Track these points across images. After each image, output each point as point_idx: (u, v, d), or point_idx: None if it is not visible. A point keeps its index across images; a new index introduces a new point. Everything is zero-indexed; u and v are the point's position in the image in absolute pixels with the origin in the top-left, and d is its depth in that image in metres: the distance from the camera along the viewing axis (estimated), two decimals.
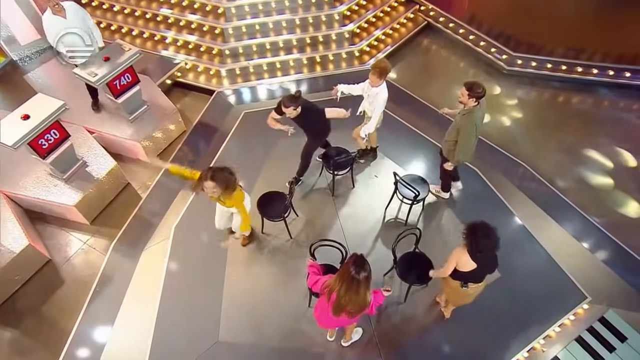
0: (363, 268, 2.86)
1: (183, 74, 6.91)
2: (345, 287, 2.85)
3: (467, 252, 3.31)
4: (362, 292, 2.87)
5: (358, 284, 2.84)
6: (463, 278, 3.51)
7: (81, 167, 5.30)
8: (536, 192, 5.40)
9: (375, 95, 4.58)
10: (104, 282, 4.72)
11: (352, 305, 2.90)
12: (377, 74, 4.40)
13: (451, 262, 3.47)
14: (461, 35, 7.45)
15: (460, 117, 4.25)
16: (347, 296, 2.85)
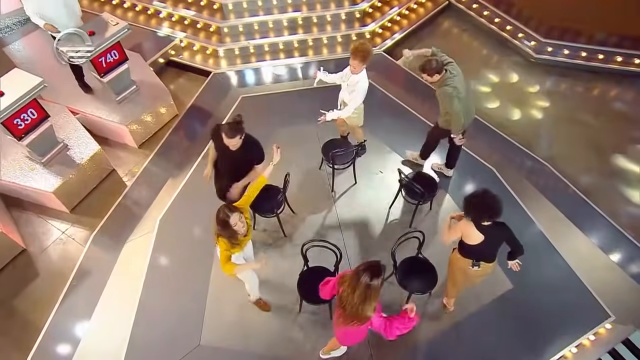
0: (374, 274, 2.76)
1: (177, 53, 6.84)
2: (352, 287, 2.81)
3: (472, 224, 3.33)
4: (358, 297, 2.78)
5: (364, 288, 2.76)
6: (474, 255, 3.52)
7: (62, 150, 5.27)
8: (559, 196, 5.22)
9: (355, 84, 4.40)
10: (82, 276, 4.71)
11: (349, 307, 2.83)
12: (360, 58, 4.17)
13: (453, 233, 3.51)
14: (486, 17, 7.22)
15: (437, 93, 4.37)
16: (349, 296, 2.80)
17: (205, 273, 4.57)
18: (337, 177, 5.21)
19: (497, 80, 6.72)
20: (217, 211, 3.31)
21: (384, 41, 7.02)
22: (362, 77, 4.37)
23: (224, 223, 3.27)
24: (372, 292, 2.78)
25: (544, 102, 6.45)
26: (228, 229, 3.29)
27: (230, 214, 3.26)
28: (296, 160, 5.39)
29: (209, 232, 4.81)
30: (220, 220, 3.29)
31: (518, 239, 3.50)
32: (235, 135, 3.53)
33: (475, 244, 3.42)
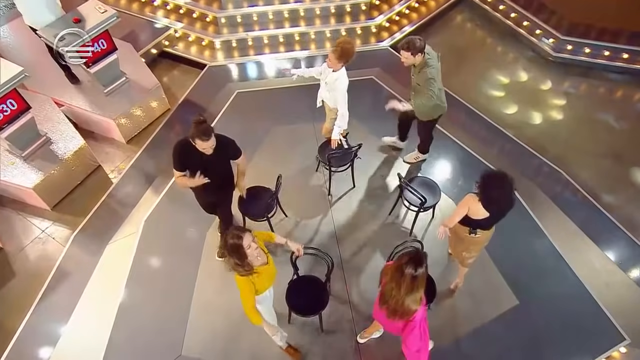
0: (418, 264, 2.79)
1: (172, 44, 6.79)
2: (395, 280, 2.83)
3: (478, 202, 3.35)
4: (404, 289, 2.81)
5: (409, 280, 2.78)
6: (473, 225, 3.60)
7: (44, 144, 5.25)
8: (573, 206, 5.10)
9: (334, 82, 4.31)
10: (60, 278, 4.68)
11: (391, 300, 2.88)
12: (338, 54, 4.08)
13: (460, 212, 3.52)
14: (501, 12, 7.09)
15: (416, 77, 4.35)
16: (394, 290, 2.84)
17: (191, 279, 4.52)
18: (335, 179, 5.12)
19: (511, 80, 6.59)
20: (224, 236, 2.96)
21: (392, 35, 6.91)
22: (341, 75, 4.28)
23: (235, 248, 2.90)
24: (419, 282, 2.82)
25: (562, 104, 6.30)
26: (241, 257, 2.93)
27: (242, 234, 2.92)
28: (292, 160, 5.33)
29: (196, 235, 4.80)
30: (230, 246, 2.91)
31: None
32: (209, 135, 3.35)
33: (481, 219, 3.48)
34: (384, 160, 5.40)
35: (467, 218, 3.54)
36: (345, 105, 4.40)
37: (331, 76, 4.29)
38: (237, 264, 2.97)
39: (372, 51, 6.71)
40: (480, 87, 6.45)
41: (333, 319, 4.25)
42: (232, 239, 2.92)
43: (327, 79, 4.34)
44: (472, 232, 3.65)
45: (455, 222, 3.57)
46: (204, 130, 3.33)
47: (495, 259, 4.56)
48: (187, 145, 3.50)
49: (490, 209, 3.35)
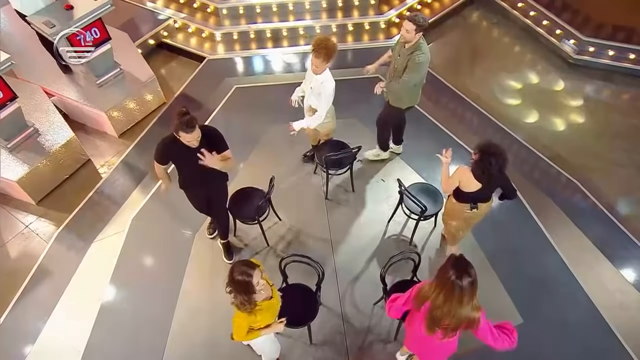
0: (467, 272, 2.63)
1: (171, 35, 6.81)
2: (444, 296, 2.65)
3: (470, 171, 3.53)
4: (465, 302, 2.66)
5: (461, 291, 2.61)
6: (470, 200, 3.75)
7: (31, 135, 5.27)
8: (589, 220, 4.98)
9: (321, 85, 4.19)
10: (41, 276, 4.68)
11: (450, 319, 2.71)
12: (324, 56, 3.96)
13: (452, 181, 3.71)
14: (520, 10, 6.99)
15: (405, 57, 4.23)
16: (445, 307, 2.66)
17: (176, 283, 4.49)
18: (333, 183, 5.08)
19: (528, 82, 6.48)
20: (231, 271, 2.83)
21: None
22: (326, 77, 4.20)
23: (245, 285, 2.79)
24: (474, 287, 2.66)
25: (581, 110, 6.18)
26: (249, 294, 2.83)
27: (252, 271, 2.79)
28: (289, 161, 5.29)
29: (184, 236, 4.77)
30: (239, 283, 2.79)
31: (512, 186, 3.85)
32: (194, 126, 3.32)
33: (473, 191, 3.63)
34: (386, 164, 5.33)
35: (464, 194, 3.72)
36: (327, 108, 4.32)
37: (316, 80, 4.20)
38: (244, 302, 2.86)
39: (380, 48, 6.62)
40: (493, 89, 6.36)
41: (324, 330, 4.20)
42: (241, 276, 2.79)
43: (313, 84, 4.26)
44: (474, 206, 3.80)
45: (447, 189, 3.82)
46: (187, 121, 3.30)
47: (500, 274, 4.48)
48: (173, 141, 3.48)
49: (482, 178, 3.51)
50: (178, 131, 3.35)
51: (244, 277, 2.79)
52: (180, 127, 3.31)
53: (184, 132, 3.33)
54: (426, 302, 2.79)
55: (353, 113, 5.72)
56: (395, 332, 4.11)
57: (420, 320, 2.91)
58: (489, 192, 3.76)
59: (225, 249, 4.61)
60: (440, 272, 2.74)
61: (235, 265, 2.86)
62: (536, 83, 6.47)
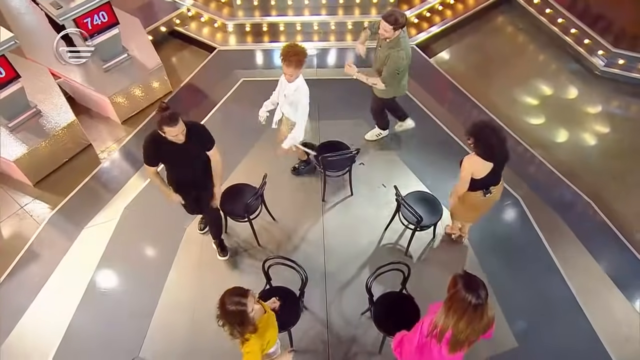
0: (479, 286, 2.56)
1: (183, 23, 6.81)
2: (467, 321, 2.55)
3: (477, 156, 3.52)
4: (486, 315, 2.59)
5: (482, 309, 2.54)
6: (483, 186, 3.74)
7: (33, 116, 5.34)
8: (601, 243, 4.76)
9: (294, 93, 4.11)
10: (29, 259, 4.73)
11: (475, 334, 2.64)
12: (296, 63, 3.88)
13: (466, 176, 3.65)
14: (547, 16, 6.74)
15: (386, 51, 4.28)
16: (469, 329, 2.57)
17: (163, 275, 4.48)
18: (332, 185, 4.99)
19: (549, 93, 6.25)
20: (222, 303, 2.65)
21: (419, 33, 6.70)
22: (299, 83, 4.10)
23: (240, 316, 2.64)
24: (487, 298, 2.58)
25: (605, 126, 5.92)
26: (245, 324, 2.68)
27: (245, 300, 2.64)
28: (289, 159, 5.20)
29: (175, 228, 4.75)
30: (232, 314, 2.63)
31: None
32: (177, 120, 3.26)
33: (484, 176, 3.61)
34: (389, 168, 5.21)
35: (476, 181, 3.68)
36: (305, 116, 4.22)
37: (289, 88, 4.11)
38: (241, 331, 2.71)
39: None
40: (512, 98, 6.15)
41: (306, 337, 4.12)
42: (235, 306, 2.62)
43: (286, 92, 4.17)
44: (487, 192, 3.80)
45: (464, 187, 3.73)
46: (170, 116, 3.25)
47: (497, 292, 4.29)
48: (157, 137, 3.43)
49: (494, 157, 3.52)
50: (162, 127, 3.29)
51: (237, 307, 2.63)
52: (164, 122, 3.26)
53: (168, 126, 3.28)
54: (447, 331, 2.63)
55: (361, 114, 5.59)
56: (380, 346, 3.99)
57: (437, 347, 2.74)
58: (500, 169, 3.70)
59: (219, 247, 4.56)
60: (453, 298, 2.57)
61: (225, 296, 2.67)
62: (558, 94, 6.24)
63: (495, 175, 3.70)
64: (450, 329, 2.60)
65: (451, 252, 4.62)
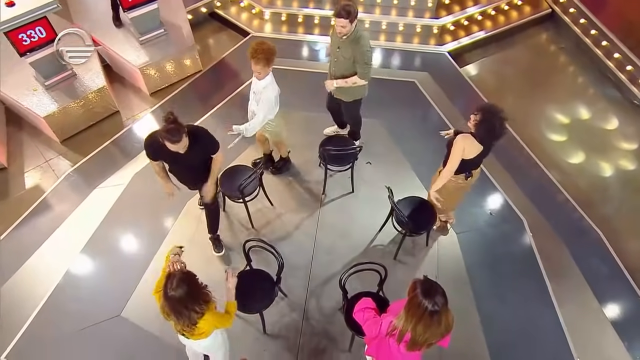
0: (437, 294, 2.50)
1: (224, 6, 6.90)
2: (424, 325, 2.52)
3: (472, 137, 3.50)
4: (444, 321, 2.55)
5: (439, 316, 2.50)
6: (467, 168, 3.73)
7: (68, 77, 5.55)
8: (604, 280, 4.44)
9: (262, 91, 3.98)
10: (43, 209, 4.94)
11: (434, 338, 2.62)
12: (264, 61, 3.77)
13: (456, 157, 3.58)
14: (592, 38, 6.34)
15: (343, 50, 4.10)
16: (427, 333, 2.55)
17: (155, 245, 4.56)
18: (335, 180, 4.92)
19: (580, 117, 5.89)
20: (164, 289, 2.64)
21: (455, 40, 6.47)
22: (268, 83, 3.99)
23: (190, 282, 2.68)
24: (447, 302, 2.54)
25: (632, 159, 5.51)
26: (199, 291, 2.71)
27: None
28: (298, 149, 5.18)
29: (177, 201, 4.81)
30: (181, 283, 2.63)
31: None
32: (180, 136, 3.17)
33: (474, 156, 3.58)
34: (395, 171, 5.08)
35: (462, 163, 3.62)
36: (265, 113, 4.06)
37: (258, 86, 4.01)
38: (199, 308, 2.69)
39: (427, 53, 6.34)
40: (540, 118, 5.85)
41: (281, 323, 4.09)
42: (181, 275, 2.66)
43: (255, 89, 4.08)
44: (469, 175, 3.78)
45: (455, 166, 3.62)
46: (172, 132, 3.16)
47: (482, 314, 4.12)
48: (157, 142, 3.33)
49: (485, 141, 3.50)
50: (163, 140, 3.22)
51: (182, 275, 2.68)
52: (166, 137, 3.19)
53: (170, 142, 3.21)
54: (406, 334, 2.60)
55: (378, 114, 5.50)
56: (350, 344, 3.90)
57: (396, 344, 2.71)
58: (486, 153, 3.67)
59: (214, 243, 4.48)
60: (411, 303, 2.54)
61: (167, 282, 2.65)
62: (589, 120, 5.86)
63: (480, 159, 3.70)
64: (409, 332, 2.57)
65: (442, 262, 4.45)
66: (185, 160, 3.53)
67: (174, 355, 3.85)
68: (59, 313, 4.18)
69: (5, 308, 4.24)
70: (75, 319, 4.13)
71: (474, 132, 3.49)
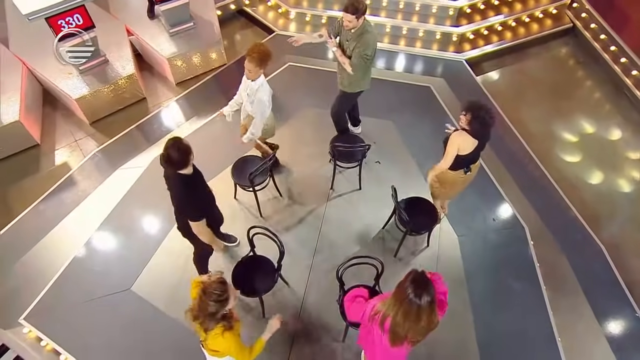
0: (426, 290, 2.41)
1: (252, 4, 6.97)
2: (403, 314, 2.45)
3: (466, 133, 3.53)
4: (424, 319, 2.46)
5: (418, 309, 2.42)
6: (465, 164, 3.77)
7: (101, 64, 5.72)
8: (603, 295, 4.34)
9: (255, 92, 3.97)
10: (68, 185, 5.11)
11: (413, 334, 2.53)
12: (257, 61, 3.76)
13: (451, 151, 3.64)
14: (611, 54, 6.17)
15: (355, 39, 4.10)
16: (405, 324, 2.46)
17: (167, 226, 4.63)
18: (343, 176, 4.93)
19: (594, 132, 5.74)
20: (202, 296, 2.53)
21: (473, 49, 6.39)
22: (261, 83, 3.96)
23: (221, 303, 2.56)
24: (433, 306, 2.46)
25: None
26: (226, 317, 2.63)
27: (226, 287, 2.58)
28: (310, 145, 5.21)
29: None
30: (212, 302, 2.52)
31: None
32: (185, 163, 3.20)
33: (471, 151, 3.62)
34: (404, 171, 5.05)
35: (459, 159, 3.69)
36: (264, 114, 4.07)
37: (251, 87, 3.98)
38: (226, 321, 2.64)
39: (444, 60, 6.28)
40: (552, 130, 5.73)
41: (279, 308, 4.11)
42: (214, 296, 2.52)
43: (248, 91, 4.05)
44: (467, 170, 3.82)
45: (449, 162, 3.70)
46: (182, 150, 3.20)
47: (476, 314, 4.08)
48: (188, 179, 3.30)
49: (480, 134, 3.54)
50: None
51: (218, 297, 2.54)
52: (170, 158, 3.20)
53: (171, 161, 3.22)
54: (387, 318, 2.55)
55: (391, 116, 5.50)
56: (344, 335, 3.91)
57: (380, 336, 2.66)
58: (481, 148, 3.71)
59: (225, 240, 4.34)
60: (398, 288, 2.50)
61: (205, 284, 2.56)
62: (603, 135, 5.71)
63: (476, 154, 3.73)
64: (389, 318, 2.52)
65: (441, 262, 4.41)
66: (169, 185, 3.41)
67: (178, 330, 3.93)
68: (75, 282, 4.32)
69: (29, 273, 4.41)
70: (88, 289, 4.27)
71: (469, 130, 3.51)
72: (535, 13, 6.60)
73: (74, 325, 4.09)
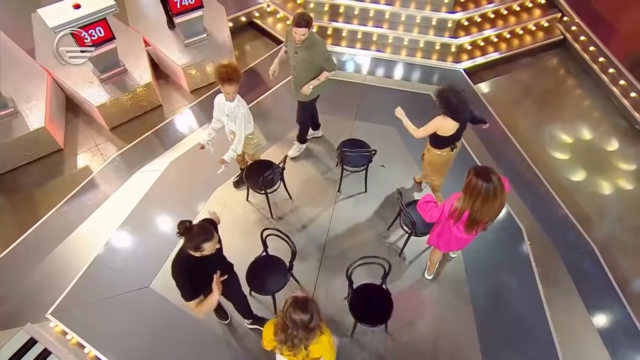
0: (490, 173, 2.86)
1: (262, 16, 6.94)
2: (482, 200, 2.87)
3: (447, 117, 3.64)
4: (499, 197, 2.89)
5: (495, 190, 2.84)
6: (450, 142, 3.90)
7: (120, 73, 5.68)
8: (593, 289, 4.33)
9: (234, 110, 3.88)
10: (89, 187, 5.09)
11: (489, 215, 2.96)
12: (237, 82, 3.63)
13: (428, 128, 3.80)
14: (600, 64, 6.15)
15: (306, 50, 4.06)
16: (484, 208, 2.88)
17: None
18: (350, 179, 4.90)
19: (584, 138, 5.73)
20: (286, 311, 2.45)
21: (471, 59, 6.37)
22: (237, 100, 3.87)
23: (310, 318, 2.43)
24: (500, 183, 2.95)
25: (631, 178, 5.33)
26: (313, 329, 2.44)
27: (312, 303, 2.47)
28: (318, 150, 5.19)
29: (207, 187, 4.90)
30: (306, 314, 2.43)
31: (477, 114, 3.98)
32: (209, 238, 2.76)
33: (453, 132, 3.73)
34: (407, 174, 5.03)
35: (444, 139, 3.82)
36: (245, 129, 3.99)
37: (229, 107, 3.89)
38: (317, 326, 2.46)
39: (444, 70, 6.26)
40: (546, 135, 5.71)
41: None
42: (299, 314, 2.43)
43: (227, 112, 3.95)
44: (453, 147, 3.96)
45: (420, 135, 3.87)
46: (205, 230, 2.78)
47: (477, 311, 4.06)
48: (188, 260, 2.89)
49: (458, 116, 3.63)
50: (200, 245, 2.78)
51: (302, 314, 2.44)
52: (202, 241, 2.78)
53: (207, 242, 2.80)
54: (465, 212, 2.99)
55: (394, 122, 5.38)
56: (352, 330, 3.89)
57: (454, 227, 3.21)
58: (464, 127, 3.83)
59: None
60: (468, 186, 2.91)
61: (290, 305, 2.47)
62: (593, 141, 5.69)
63: (459, 133, 3.84)
64: (467, 210, 2.98)
65: (443, 262, 4.39)
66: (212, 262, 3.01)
67: (195, 328, 3.92)
68: (97, 280, 4.30)
69: (54, 271, 4.39)
70: (110, 286, 4.25)
71: (446, 113, 3.65)
72: (528, 26, 6.57)
73: (97, 320, 4.07)
